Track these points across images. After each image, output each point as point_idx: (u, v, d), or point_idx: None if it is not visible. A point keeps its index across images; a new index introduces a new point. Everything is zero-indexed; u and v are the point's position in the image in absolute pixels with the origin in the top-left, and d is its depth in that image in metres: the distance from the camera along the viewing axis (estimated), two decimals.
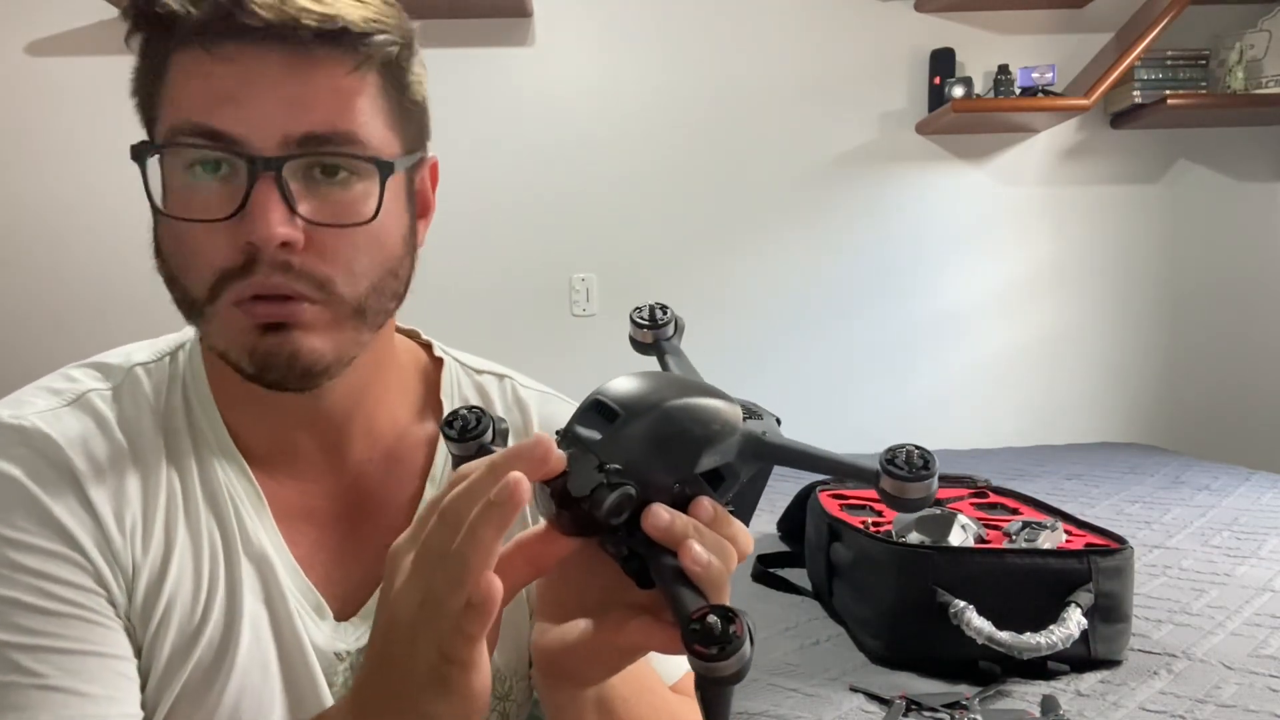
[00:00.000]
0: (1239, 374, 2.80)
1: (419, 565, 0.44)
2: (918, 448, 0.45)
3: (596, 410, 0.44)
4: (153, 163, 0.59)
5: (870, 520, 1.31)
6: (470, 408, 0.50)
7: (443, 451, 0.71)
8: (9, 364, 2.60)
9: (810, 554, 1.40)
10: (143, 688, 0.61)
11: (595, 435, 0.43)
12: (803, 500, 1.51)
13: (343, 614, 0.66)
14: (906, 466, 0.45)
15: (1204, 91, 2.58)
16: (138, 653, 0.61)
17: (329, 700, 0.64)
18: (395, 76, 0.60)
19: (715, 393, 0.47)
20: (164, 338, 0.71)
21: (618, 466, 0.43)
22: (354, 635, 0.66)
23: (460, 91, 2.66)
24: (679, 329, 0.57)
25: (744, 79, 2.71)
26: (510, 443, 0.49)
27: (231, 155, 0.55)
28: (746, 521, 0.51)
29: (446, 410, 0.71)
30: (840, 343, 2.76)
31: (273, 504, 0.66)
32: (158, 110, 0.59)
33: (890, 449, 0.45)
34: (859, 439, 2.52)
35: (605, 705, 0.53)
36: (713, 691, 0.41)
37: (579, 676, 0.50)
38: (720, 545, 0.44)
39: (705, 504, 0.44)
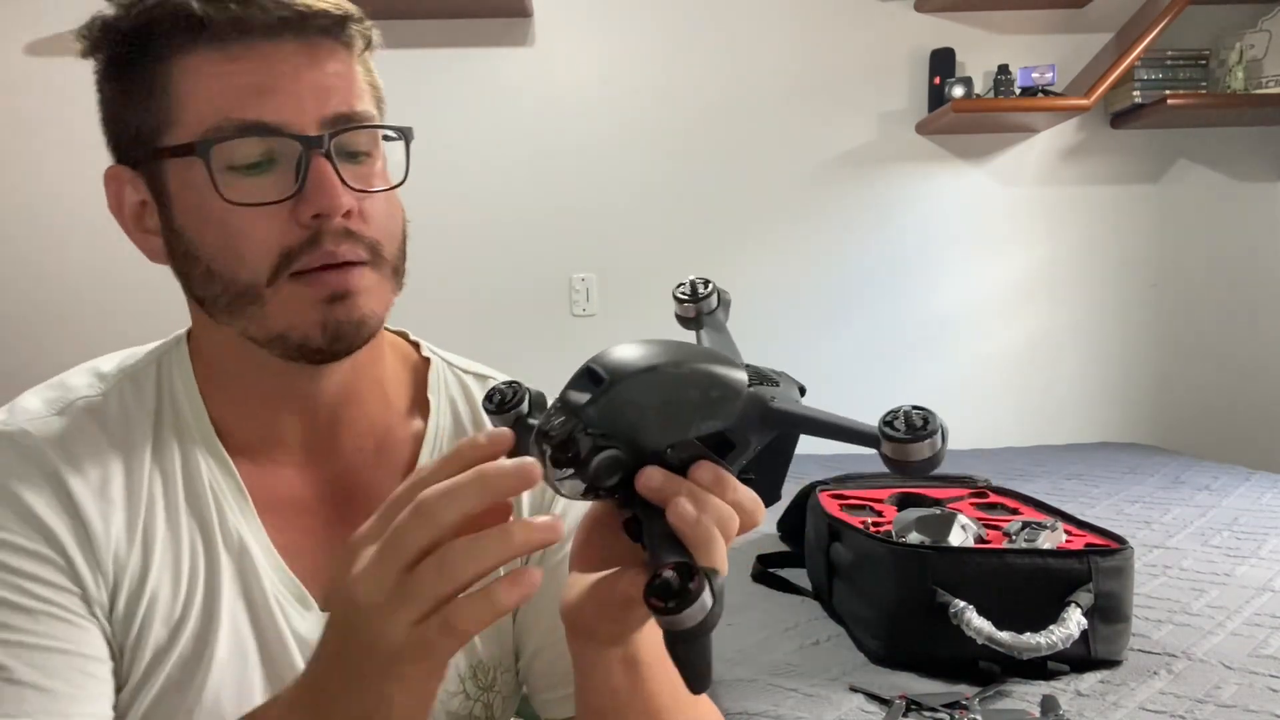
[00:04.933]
0: (1239, 374, 2.80)
1: (387, 554, 0.43)
2: (918, 408, 0.44)
3: (588, 376, 0.45)
4: (175, 165, 0.60)
5: (870, 520, 1.30)
6: (507, 382, 0.52)
7: (429, 448, 0.72)
8: (9, 364, 2.59)
9: (810, 554, 1.40)
10: (125, 684, 0.62)
11: (583, 399, 0.44)
12: (803, 500, 1.51)
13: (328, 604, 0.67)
14: (906, 428, 0.43)
15: (1204, 91, 2.58)
16: (120, 652, 0.62)
17: None
18: (365, 64, 0.65)
19: (720, 359, 0.47)
20: (154, 344, 0.72)
21: (603, 430, 0.43)
22: None
23: (460, 92, 2.66)
24: (722, 302, 0.58)
25: (744, 79, 2.71)
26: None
27: (284, 139, 0.58)
28: (773, 490, 0.50)
29: (434, 408, 0.73)
30: (840, 342, 2.76)
31: (259, 495, 0.67)
32: (166, 117, 0.60)
33: (889, 411, 0.44)
34: None
35: (631, 665, 0.54)
36: (673, 643, 0.42)
37: (596, 630, 0.52)
38: (717, 509, 0.44)
39: (705, 467, 0.45)
